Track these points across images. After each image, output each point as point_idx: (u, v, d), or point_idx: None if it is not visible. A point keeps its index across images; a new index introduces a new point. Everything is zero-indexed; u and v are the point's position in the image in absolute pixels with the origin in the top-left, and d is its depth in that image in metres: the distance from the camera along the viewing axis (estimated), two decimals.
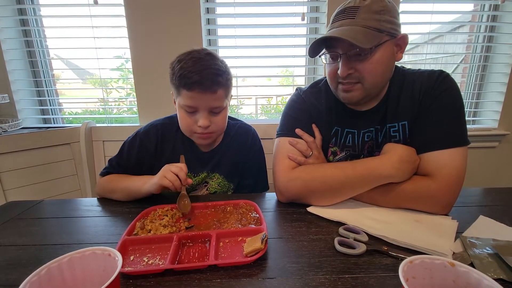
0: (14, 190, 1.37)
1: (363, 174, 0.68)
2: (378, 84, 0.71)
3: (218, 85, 0.75)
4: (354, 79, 0.70)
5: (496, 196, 0.81)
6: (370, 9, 0.65)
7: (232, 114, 1.87)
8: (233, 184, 0.91)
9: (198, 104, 0.75)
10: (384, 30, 0.65)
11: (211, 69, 0.74)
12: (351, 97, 0.72)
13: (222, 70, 0.76)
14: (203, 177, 0.88)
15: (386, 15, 0.65)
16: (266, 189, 0.97)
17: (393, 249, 0.53)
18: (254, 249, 0.51)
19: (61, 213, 0.74)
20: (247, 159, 0.92)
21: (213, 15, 1.63)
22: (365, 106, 0.77)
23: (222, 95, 0.78)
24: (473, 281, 0.33)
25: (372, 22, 0.65)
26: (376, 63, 0.67)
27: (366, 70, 0.68)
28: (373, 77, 0.69)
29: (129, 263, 0.51)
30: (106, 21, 1.61)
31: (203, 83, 0.72)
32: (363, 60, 0.67)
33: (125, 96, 1.86)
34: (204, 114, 0.76)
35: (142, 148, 0.86)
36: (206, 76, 0.72)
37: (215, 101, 0.76)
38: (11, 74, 1.58)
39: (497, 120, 1.76)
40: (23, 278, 0.47)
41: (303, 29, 1.70)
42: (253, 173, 0.94)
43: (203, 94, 0.74)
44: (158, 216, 0.66)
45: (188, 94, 0.74)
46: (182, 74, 0.73)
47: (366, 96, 0.72)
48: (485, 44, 1.73)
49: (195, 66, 0.73)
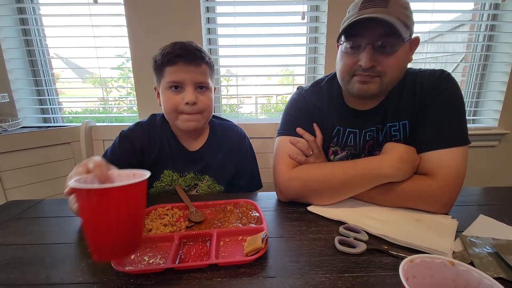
0: (14, 190, 1.37)
1: (363, 173, 0.68)
2: (395, 80, 0.70)
3: (202, 59, 0.77)
4: (374, 73, 0.67)
5: (496, 195, 0.81)
6: (398, 2, 0.63)
7: (233, 113, 1.89)
8: (223, 186, 0.90)
9: (184, 78, 0.76)
10: (409, 27, 0.65)
11: (192, 46, 0.77)
12: (367, 89, 0.69)
13: (203, 51, 0.79)
14: (191, 177, 0.87)
15: (409, 12, 0.65)
16: (260, 187, 0.97)
17: (393, 248, 0.53)
18: (255, 248, 0.51)
19: (62, 212, 0.74)
20: (238, 161, 0.92)
21: (213, 14, 1.63)
22: (366, 106, 0.77)
23: (206, 71, 0.79)
24: (473, 280, 0.33)
25: (402, 16, 0.63)
26: (398, 59, 0.66)
27: (389, 64, 0.65)
28: (393, 72, 0.67)
29: (130, 262, 0.51)
30: (106, 20, 1.60)
31: (186, 55, 0.75)
32: (388, 54, 0.65)
33: (125, 95, 1.86)
34: (190, 89, 0.76)
35: (128, 145, 0.83)
36: (189, 50, 0.76)
37: (200, 76, 0.77)
38: (11, 73, 1.58)
39: (497, 119, 1.76)
40: (23, 277, 0.48)
41: (303, 28, 1.69)
42: (246, 173, 0.94)
43: (187, 66, 0.75)
44: (159, 215, 0.66)
45: (172, 69, 0.75)
46: (165, 52, 0.76)
47: (381, 91, 0.70)
48: (485, 43, 1.73)
49: (176, 45, 0.77)
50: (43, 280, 0.47)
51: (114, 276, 0.47)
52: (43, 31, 1.66)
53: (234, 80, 1.74)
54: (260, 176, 0.98)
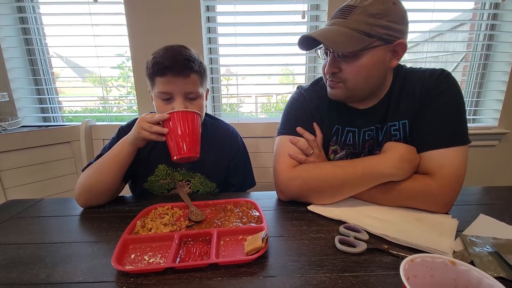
0: (14, 189, 1.37)
1: (364, 172, 0.68)
2: (361, 87, 0.71)
3: (191, 69, 0.76)
4: (337, 78, 0.71)
5: (496, 194, 0.81)
6: (366, 11, 0.63)
7: (232, 113, 1.89)
8: (216, 184, 0.91)
9: (172, 89, 0.76)
10: (375, 35, 0.64)
11: (182, 56, 0.76)
12: (333, 94, 0.74)
13: (194, 58, 0.78)
14: (183, 173, 0.87)
15: (383, 19, 0.63)
16: (253, 185, 0.98)
17: (393, 247, 0.53)
18: (255, 248, 0.51)
19: (62, 211, 0.74)
20: (230, 158, 0.93)
21: (213, 13, 1.63)
22: (365, 104, 0.77)
23: (196, 81, 0.78)
24: (474, 279, 0.33)
25: (362, 26, 0.64)
26: (360, 67, 0.67)
27: (349, 72, 0.68)
28: (355, 80, 0.69)
29: (130, 261, 0.51)
30: (106, 19, 1.60)
31: (175, 67, 0.74)
32: (348, 61, 0.67)
33: (125, 95, 1.86)
34: (179, 99, 0.76)
35: None
36: (177, 61, 0.75)
37: (189, 86, 0.77)
38: (11, 72, 1.58)
39: (497, 119, 1.76)
40: (23, 277, 0.48)
41: (304, 27, 1.69)
42: (238, 172, 0.95)
43: (176, 78, 0.74)
44: (159, 214, 0.66)
45: (161, 80, 0.75)
46: (155, 61, 0.75)
47: (350, 96, 0.73)
48: (486, 43, 1.73)
49: (167, 53, 0.76)
50: (43, 279, 0.47)
51: (114, 275, 0.47)
52: (42, 30, 1.65)
53: (234, 79, 1.74)
54: (253, 174, 0.99)
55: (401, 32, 0.66)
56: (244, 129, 1.39)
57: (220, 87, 1.75)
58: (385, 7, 0.63)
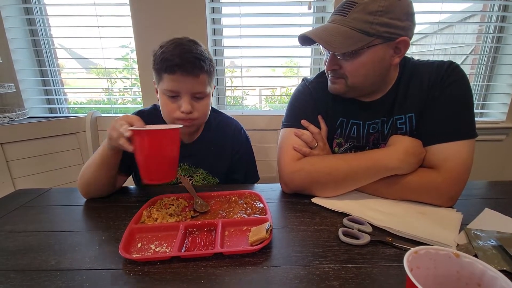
0: (22, 179, 1.39)
1: (368, 165, 0.68)
2: (361, 84, 0.71)
3: (201, 69, 0.74)
4: (337, 75, 0.71)
5: (501, 189, 0.80)
6: (366, 8, 0.62)
7: (237, 105, 1.89)
8: (218, 178, 0.91)
9: (180, 88, 0.74)
10: (374, 33, 0.63)
11: (193, 53, 0.73)
12: (334, 89, 0.74)
13: (205, 56, 0.76)
14: (185, 169, 0.88)
15: (383, 16, 0.61)
16: (257, 180, 0.97)
17: (397, 240, 0.54)
18: (259, 238, 0.51)
19: (69, 201, 0.75)
20: (233, 153, 0.92)
21: (218, 4, 1.61)
22: (371, 98, 0.76)
23: (205, 81, 0.77)
24: (477, 271, 0.34)
25: (361, 24, 0.62)
26: (359, 65, 0.67)
27: (348, 69, 0.69)
28: (354, 77, 0.69)
29: (136, 250, 0.52)
30: (110, 10, 1.59)
31: (185, 65, 0.72)
32: (347, 59, 0.67)
33: (129, 86, 1.86)
34: (186, 99, 0.75)
35: None
36: (188, 59, 0.72)
37: (197, 86, 0.76)
38: (17, 63, 1.58)
39: (505, 113, 1.73)
40: (33, 264, 0.49)
41: (310, 19, 1.66)
42: (241, 166, 0.94)
43: (185, 77, 0.73)
44: (165, 205, 0.67)
45: (170, 77, 0.73)
46: (164, 57, 0.73)
47: (351, 91, 0.72)
48: (496, 35, 1.69)
49: (176, 49, 0.73)
50: (53, 265, 0.48)
51: (121, 263, 0.49)
52: (47, 20, 1.65)
53: (239, 72, 1.73)
54: (257, 169, 0.98)
55: (404, 29, 0.64)
56: (248, 121, 1.39)
57: (225, 79, 1.74)
58: (388, 3, 0.61)
